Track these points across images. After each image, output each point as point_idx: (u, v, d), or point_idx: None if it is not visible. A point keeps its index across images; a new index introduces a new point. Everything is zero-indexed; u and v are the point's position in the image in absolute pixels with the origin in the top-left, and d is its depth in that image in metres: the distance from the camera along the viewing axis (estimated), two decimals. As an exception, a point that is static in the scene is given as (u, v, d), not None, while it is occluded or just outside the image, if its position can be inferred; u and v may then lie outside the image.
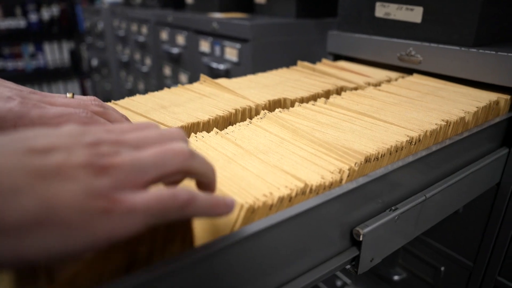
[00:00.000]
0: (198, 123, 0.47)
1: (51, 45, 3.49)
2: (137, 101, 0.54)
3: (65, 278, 0.23)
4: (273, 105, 0.54)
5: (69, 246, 0.19)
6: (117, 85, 2.39)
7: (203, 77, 0.62)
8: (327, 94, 0.60)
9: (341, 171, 0.37)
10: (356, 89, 0.63)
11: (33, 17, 3.32)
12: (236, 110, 0.50)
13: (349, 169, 0.37)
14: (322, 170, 0.37)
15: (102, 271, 0.24)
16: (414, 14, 0.68)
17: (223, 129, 0.46)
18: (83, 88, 3.64)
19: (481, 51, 0.59)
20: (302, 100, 0.56)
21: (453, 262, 0.71)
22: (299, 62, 0.75)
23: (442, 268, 0.73)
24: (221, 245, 0.27)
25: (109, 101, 0.51)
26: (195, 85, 0.61)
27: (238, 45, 1.11)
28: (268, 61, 1.10)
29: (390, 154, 0.41)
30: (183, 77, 1.51)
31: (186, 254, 0.26)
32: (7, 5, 3.21)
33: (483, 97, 0.56)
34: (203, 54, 1.31)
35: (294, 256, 0.35)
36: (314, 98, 0.58)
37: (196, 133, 0.44)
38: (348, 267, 0.41)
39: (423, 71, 0.68)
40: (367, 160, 0.38)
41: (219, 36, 1.21)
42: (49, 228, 0.19)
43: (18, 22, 3.27)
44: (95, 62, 2.60)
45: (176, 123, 0.46)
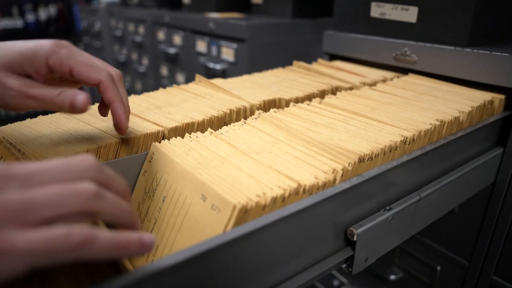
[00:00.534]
0: (193, 123, 0.46)
1: (48, 45, 3.48)
2: (132, 101, 0.54)
3: None
4: (268, 105, 0.54)
5: None
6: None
7: (198, 77, 0.62)
8: (322, 94, 0.60)
9: (334, 171, 0.37)
10: (351, 89, 0.63)
11: (30, 17, 3.31)
12: (230, 110, 0.50)
13: (343, 169, 0.37)
14: (315, 170, 0.37)
15: None
16: (409, 14, 0.68)
17: (218, 129, 0.46)
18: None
19: (475, 51, 0.59)
20: (297, 100, 0.56)
21: (449, 261, 0.71)
22: (295, 62, 0.75)
23: (438, 268, 0.73)
24: (213, 245, 0.27)
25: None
26: (190, 85, 0.61)
27: (234, 45, 1.11)
28: (264, 61, 1.10)
29: (384, 154, 0.41)
30: (180, 77, 1.51)
31: (177, 254, 0.26)
32: (4, 5, 3.20)
33: (478, 97, 0.56)
34: (200, 54, 1.31)
35: (288, 257, 0.35)
36: (309, 98, 0.58)
37: (190, 134, 0.44)
38: (344, 266, 0.41)
39: (418, 71, 0.68)
40: (361, 160, 0.38)
41: (215, 36, 1.21)
42: None
43: (15, 22, 3.26)
44: (92, 62, 2.58)
45: (171, 124, 0.46)
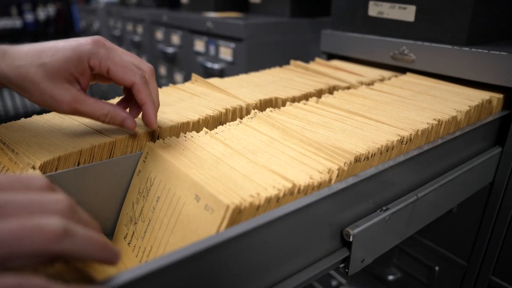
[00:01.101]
0: (188, 122, 0.46)
1: (47, 45, 3.47)
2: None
3: None
4: (264, 105, 0.53)
5: None
6: (113, 85, 2.38)
7: (194, 76, 0.61)
8: (319, 93, 0.59)
9: (330, 171, 0.36)
10: (348, 88, 0.62)
11: (29, 17, 3.30)
12: (226, 109, 0.49)
13: (339, 169, 0.36)
14: (311, 170, 0.36)
15: None
16: (407, 13, 0.68)
17: (213, 129, 0.46)
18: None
19: (473, 50, 0.59)
20: (294, 100, 0.56)
21: (447, 261, 0.71)
22: (292, 61, 0.75)
23: (437, 268, 0.73)
24: (205, 247, 0.27)
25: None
26: (186, 85, 0.60)
27: (232, 45, 1.11)
28: (262, 60, 1.10)
29: (381, 153, 0.41)
30: (178, 77, 1.50)
31: (168, 256, 0.25)
32: (3, 4, 3.19)
33: (476, 96, 0.56)
34: (198, 53, 1.30)
35: (283, 258, 0.34)
36: (306, 97, 0.57)
37: (185, 133, 0.43)
38: (342, 265, 0.40)
39: (416, 70, 0.68)
40: (357, 159, 0.38)
41: (213, 36, 1.20)
42: None
43: (13, 22, 3.25)
44: (91, 62, 2.58)
45: (166, 123, 0.45)
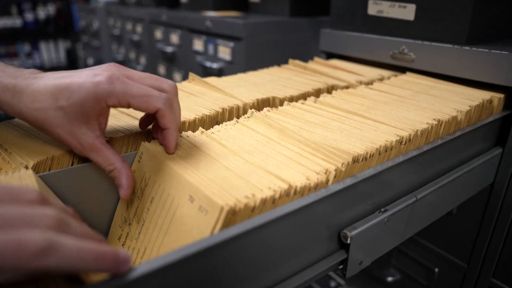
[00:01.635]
0: (184, 122, 0.45)
1: (47, 44, 3.48)
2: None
3: None
4: (262, 104, 0.53)
5: None
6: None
7: (191, 75, 0.61)
8: (317, 93, 0.58)
9: (327, 171, 0.36)
10: (347, 87, 0.62)
11: (29, 16, 3.30)
12: (223, 109, 0.49)
13: (336, 170, 0.36)
14: (307, 170, 0.36)
15: None
16: (407, 12, 0.67)
17: (210, 128, 0.45)
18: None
19: (474, 49, 0.58)
20: (292, 99, 0.55)
21: (447, 263, 0.70)
22: (291, 61, 0.74)
23: (436, 270, 0.72)
24: (199, 248, 0.26)
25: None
26: (184, 84, 0.60)
27: (231, 44, 1.10)
28: (261, 59, 1.09)
29: (379, 154, 0.40)
30: (177, 76, 1.50)
31: (162, 258, 0.25)
32: (3, 4, 3.19)
33: (476, 96, 0.55)
34: (197, 53, 1.29)
35: (278, 260, 0.34)
36: (304, 97, 0.57)
37: (181, 133, 0.43)
38: (341, 267, 0.40)
39: (416, 70, 0.67)
40: (355, 160, 0.37)
41: (212, 35, 1.19)
42: None
43: (13, 21, 3.25)
44: (91, 61, 2.58)
45: (161, 123, 0.44)
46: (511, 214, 0.59)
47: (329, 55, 0.84)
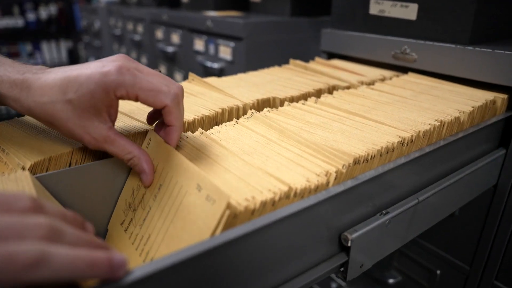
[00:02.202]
0: (183, 122, 0.45)
1: (49, 44, 3.48)
2: (122, 100, 0.52)
3: None
4: (262, 105, 0.52)
5: None
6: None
7: (191, 75, 0.60)
8: (318, 93, 0.58)
9: (328, 173, 0.35)
10: (348, 88, 0.61)
11: (31, 16, 3.31)
12: (223, 109, 0.48)
13: (337, 172, 0.35)
14: (308, 172, 0.35)
15: None
16: (409, 11, 0.66)
17: (209, 129, 0.44)
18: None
19: (477, 49, 0.58)
20: (292, 99, 0.55)
21: (449, 265, 0.70)
22: (291, 61, 0.74)
23: (438, 272, 0.71)
24: (199, 251, 0.26)
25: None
26: (183, 84, 0.59)
27: (232, 44, 1.09)
28: (262, 59, 1.08)
29: (381, 155, 0.40)
30: (178, 76, 1.49)
31: (158, 261, 0.24)
32: (5, 4, 3.19)
33: (479, 96, 0.55)
34: (198, 52, 1.29)
35: (278, 263, 0.33)
36: (305, 97, 0.56)
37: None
38: (341, 270, 0.39)
39: (418, 70, 0.66)
40: (356, 162, 0.37)
41: (213, 35, 1.19)
42: None
43: (15, 21, 3.26)
44: (92, 61, 2.58)
45: (160, 123, 0.44)
46: (514, 216, 0.59)
47: (330, 55, 0.84)
